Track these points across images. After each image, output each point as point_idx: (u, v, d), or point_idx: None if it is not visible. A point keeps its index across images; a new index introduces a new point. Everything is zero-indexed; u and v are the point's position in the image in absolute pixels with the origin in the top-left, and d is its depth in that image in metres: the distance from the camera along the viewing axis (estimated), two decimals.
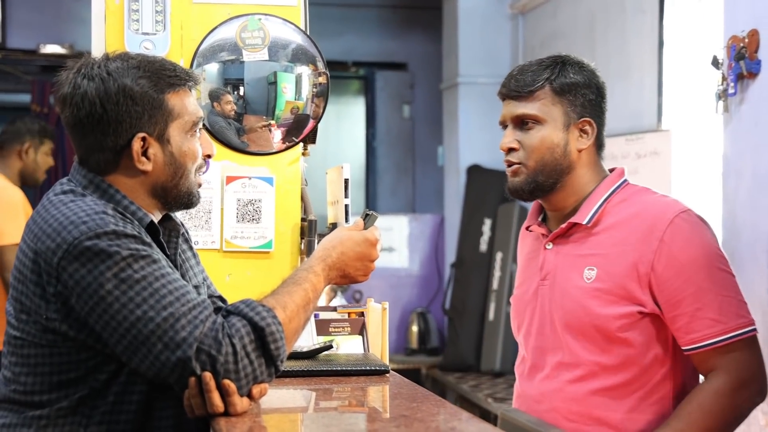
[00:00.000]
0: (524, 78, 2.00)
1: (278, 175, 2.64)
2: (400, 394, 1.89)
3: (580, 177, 2.01)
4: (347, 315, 2.46)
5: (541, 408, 1.98)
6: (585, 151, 2.01)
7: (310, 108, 2.65)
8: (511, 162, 2.01)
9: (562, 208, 2.03)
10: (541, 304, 2.03)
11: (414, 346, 6.42)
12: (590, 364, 1.95)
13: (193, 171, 1.79)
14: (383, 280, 6.62)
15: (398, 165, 7.16)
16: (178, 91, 1.76)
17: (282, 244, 2.63)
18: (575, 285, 1.96)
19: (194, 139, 1.79)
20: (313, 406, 1.86)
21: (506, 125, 2.03)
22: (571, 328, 1.96)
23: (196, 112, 1.79)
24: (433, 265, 6.73)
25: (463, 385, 5.56)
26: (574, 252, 1.99)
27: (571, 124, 1.99)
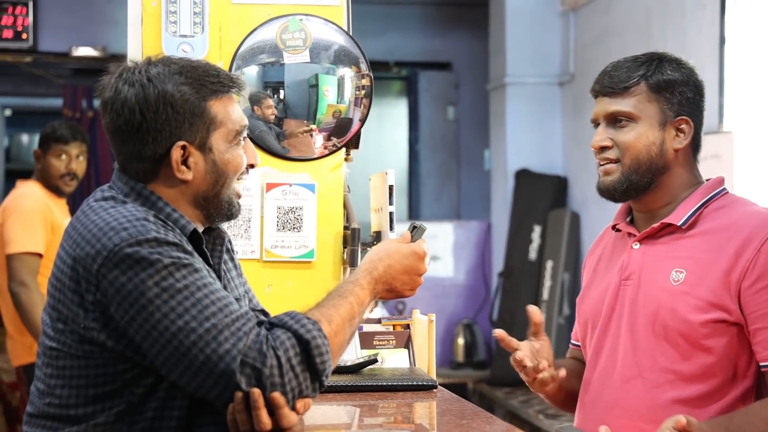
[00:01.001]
0: (619, 74, 2.01)
1: (320, 181, 2.65)
2: (449, 411, 1.89)
3: (676, 178, 2.02)
4: (392, 327, 2.47)
5: (611, 416, 1.97)
6: (681, 151, 2.01)
7: (353, 111, 2.67)
8: (605, 160, 2.02)
9: (654, 210, 2.04)
10: (621, 305, 2.03)
11: (460, 360, 6.42)
12: (668, 372, 1.94)
13: (234, 181, 1.80)
14: (427, 290, 6.61)
15: (442, 169, 7.15)
16: (221, 98, 1.77)
17: (324, 253, 2.64)
18: (661, 287, 1.96)
19: (238, 148, 1.80)
20: (357, 423, 1.87)
21: (598, 123, 2.04)
22: (653, 331, 1.95)
23: (240, 120, 1.80)
24: (479, 275, 6.72)
25: (512, 401, 5.54)
26: (662, 253, 2.00)
27: (668, 123, 2.00)
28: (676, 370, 1.94)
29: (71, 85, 6.02)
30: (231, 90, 1.79)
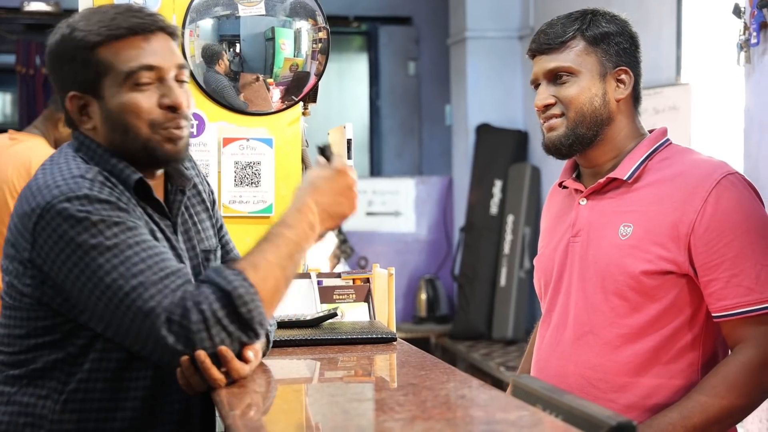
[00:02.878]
0: (555, 30, 2.01)
1: (278, 136, 2.64)
2: (408, 362, 1.90)
3: (620, 130, 2.02)
4: (352, 281, 2.47)
5: (563, 372, 1.99)
6: (623, 102, 2.01)
7: (310, 65, 2.65)
8: (549, 117, 2.01)
9: (599, 164, 2.04)
10: (571, 262, 2.03)
11: (422, 314, 6.46)
12: (619, 327, 1.95)
13: (146, 126, 1.71)
14: (389, 245, 6.64)
15: (404, 125, 7.14)
16: (113, 43, 1.70)
17: (283, 208, 2.61)
18: (610, 242, 1.97)
19: (135, 91, 1.70)
20: (317, 376, 1.88)
21: (539, 84, 2.04)
22: (603, 287, 1.96)
23: (130, 61, 1.70)
24: (441, 230, 6.74)
25: (474, 354, 5.60)
26: (609, 208, 2.00)
27: (608, 74, 2.00)
28: (627, 324, 1.95)
29: (24, 41, 5.91)
30: (126, 33, 1.71)
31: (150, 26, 1.72)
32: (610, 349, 1.96)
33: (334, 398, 1.65)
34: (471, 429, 1.33)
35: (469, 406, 1.48)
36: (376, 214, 6.72)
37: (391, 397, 1.56)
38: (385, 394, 1.64)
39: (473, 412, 1.44)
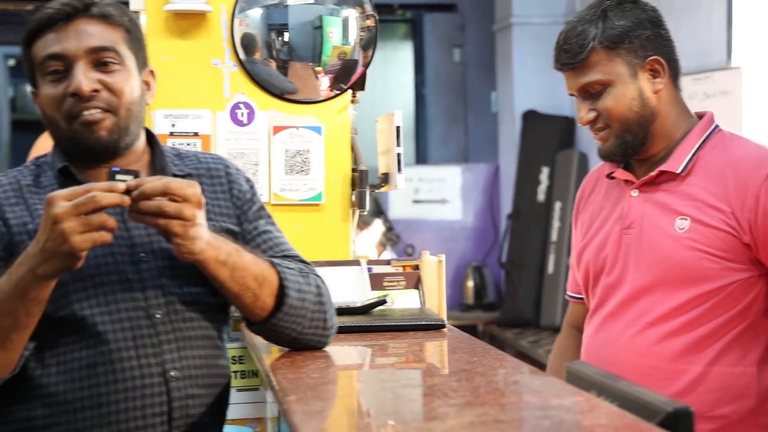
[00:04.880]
0: (571, 47, 1.96)
1: (327, 124, 2.65)
2: (459, 349, 1.90)
3: (666, 119, 1.99)
4: (402, 269, 2.48)
5: (616, 360, 1.98)
6: (663, 91, 1.98)
7: (358, 53, 2.65)
8: (596, 130, 2.00)
9: (651, 155, 2.01)
10: (624, 254, 2.01)
11: (470, 302, 6.44)
12: (675, 316, 1.94)
13: (62, 118, 1.70)
14: (436, 233, 6.63)
15: (449, 112, 7.11)
16: (39, 39, 1.70)
17: (332, 196, 2.65)
18: (666, 234, 1.95)
19: (47, 83, 1.70)
20: (369, 363, 1.89)
21: (576, 96, 2.01)
22: (661, 279, 1.95)
23: (39, 53, 1.69)
24: (488, 217, 6.71)
25: (522, 341, 5.58)
26: (664, 201, 1.97)
27: (638, 70, 1.96)
28: (684, 314, 1.94)
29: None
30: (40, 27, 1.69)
31: (61, 15, 1.69)
32: (664, 337, 1.95)
33: (386, 384, 1.66)
34: (526, 414, 1.33)
35: (523, 392, 1.49)
36: (422, 202, 6.71)
37: (444, 382, 1.57)
38: (437, 379, 1.65)
39: (527, 397, 1.44)
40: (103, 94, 1.68)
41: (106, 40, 1.70)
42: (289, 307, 1.72)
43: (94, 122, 1.68)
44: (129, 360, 1.66)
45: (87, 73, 1.68)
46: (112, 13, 1.72)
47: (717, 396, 1.93)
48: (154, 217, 1.57)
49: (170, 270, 1.71)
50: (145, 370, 1.66)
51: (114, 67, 1.70)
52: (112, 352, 1.65)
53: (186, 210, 1.57)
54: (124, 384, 1.65)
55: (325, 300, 1.78)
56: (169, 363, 1.68)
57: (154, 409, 1.67)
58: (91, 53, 1.68)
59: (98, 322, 1.66)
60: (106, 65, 1.69)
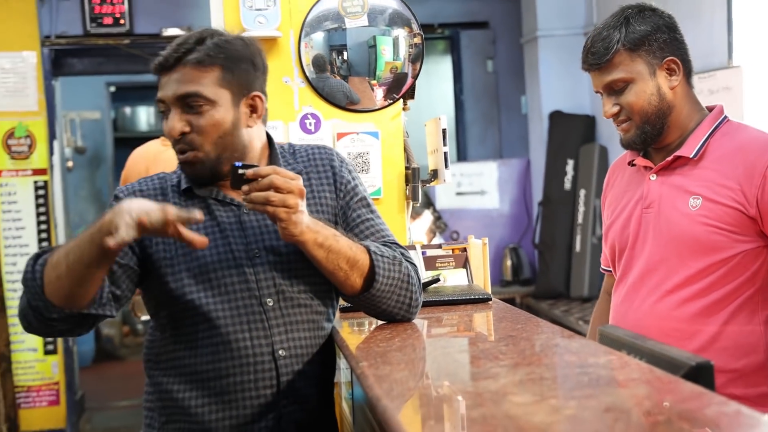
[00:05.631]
0: (597, 50, 1.96)
1: (382, 129, 2.65)
2: (505, 318, 1.90)
3: (681, 112, 1.98)
4: (451, 251, 2.47)
5: (641, 324, 1.96)
6: (678, 87, 1.97)
7: (408, 67, 2.65)
8: (619, 122, 1.99)
9: (667, 144, 2.00)
10: (644, 231, 2.00)
11: (508, 278, 6.42)
12: (690, 284, 1.92)
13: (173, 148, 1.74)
14: (477, 220, 6.61)
15: (485, 115, 7.08)
16: (159, 77, 1.72)
17: (389, 190, 2.66)
18: (681, 212, 1.94)
19: (165, 118, 1.72)
20: (427, 333, 1.89)
21: (601, 93, 2.01)
22: (677, 252, 1.94)
23: (158, 95, 1.72)
24: (521, 205, 6.67)
25: (555, 311, 5.54)
26: (678, 182, 1.96)
27: (656, 69, 1.95)
28: (698, 282, 1.92)
29: None
30: (156, 72, 1.72)
31: (166, 63, 1.69)
32: (682, 302, 1.93)
33: (445, 350, 1.66)
34: (567, 372, 1.32)
35: (563, 353, 1.48)
36: (464, 194, 6.69)
37: (494, 347, 1.56)
38: (488, 345, 1.64)
39: (567, 357, 1.43)
40: (189, 136, 1.69)
41: (195, 84, 1.67)
42: (376, 290, 1.72)
43: (186, 162, 1.72)
44: (243, 341, 1.69)
45: (178, 118, 1.68)
46: (204, 59, 1.68)
47: (730, 352, 1.90)
48: (263, 205, 1.59)
49: (281, 264, 1.73)
50: (257, 350, 1.69)
51: (202, 110, 1.68)
52: (229, 334, 1.69)
53: (289, 200, 1.59)
54: (239, 360, 1.69)
55: (413, 283, 1.77)
56: (278, 344, 1.70)
57: (264, 383, 1.69)
58: (180, 99, 1.68)
59: (218, 309, 1.70)
60: (192, 108, 1.68)
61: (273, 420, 1.70)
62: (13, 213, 5.19)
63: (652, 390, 1.16)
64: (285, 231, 1.62)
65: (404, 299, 1.76)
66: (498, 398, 1.14)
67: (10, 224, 5.18)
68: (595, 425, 1.00)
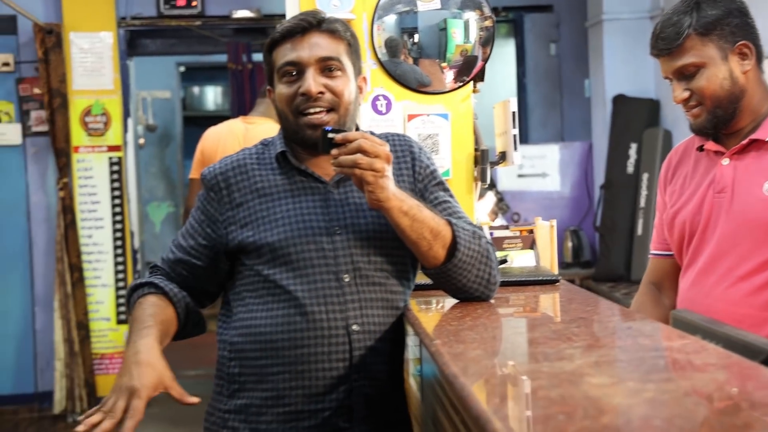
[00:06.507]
0: (668, 34, 1.92)
1: (452, 111, 2.64)
2: (574, 300, 1.88)
3: (752, 96, 1.93)
4: (519, 233, 2.46)
5: (711, 310, 1.93)
6: (750, 72, 1.92)
7: (478, 50, 2.63)
8: (689, 107, 1.94)
9: (738, 129, 1.96)
10: (716, 216, 1.96)
11: (569, 260, 6.36)
12: (762, 270, 1.88)
13: (291, 112, 1.76)
14: (538, 202, 6.56)
15: (547, 99, 7.00)
16: (279, 47, 1.77)
17: (458, 172, 2.65)
18: (756, 197, 1.89)
19: (282, 84, 1.76)
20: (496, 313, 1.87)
21: (670, 79, 1.97)
22: (751, 237, 1.89)
23: (278, 60, 1.77)
24: (583, 188, 6.60)
25: (615, 294, 5.47)
26: (753, 167, 1.92)
27: (728, 53, 1.90)
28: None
29: (233, 42, 6.10)
30: (281, 38, 1.76)
31: (299, 29, 1.74)
32: (756, 289, 1.89)
33: (516, 329, 1.66)
34: (642, 355, 1.30)
35: (637, 336, 1.46)
36: (526, 176, 6.64)
37: (566, 328, 1.55)
38: (560, 326, 1.63)
39: (641, 340, 1.41)
40: (326, 96, 1.73)
41: (332, 51, 1.75)
42: (458, 260, 1.71)
43: (319, 124, 1.73)
44: (319, 314, 1.70)
45: (315, 77, 1.73)
46: (338, 28, 1.77)
47: None
48: (351, 168, 1.60)
49: (359, 242, 1.74)
50: (332, 323, 1.70)
51: (336, 74, 1.74)
52: (305, 306, 1.70)
53: (376, 163, 1.60)
54: (314, 332, 1.70)
55: (492, 259, 1.77)
56: (352, 319, 1.71)
57: (338, 356, 1.71)
58: (320, 62, 1.74)
59: (296, 282, 1.71)
60: (331, 71, 1.74)
61: (344, 393, 1.72)
62: (89, 188, 5.31)
63: (731, 375, 1.14)
64: (371, 195, 1.62)
65: (483, 274, 1.75)
66: (575, 379, 1.13)
67: (86, 198, 5.30)
68: (676, 409, 0.99)
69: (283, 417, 1.71)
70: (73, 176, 5.28)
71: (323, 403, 1.71)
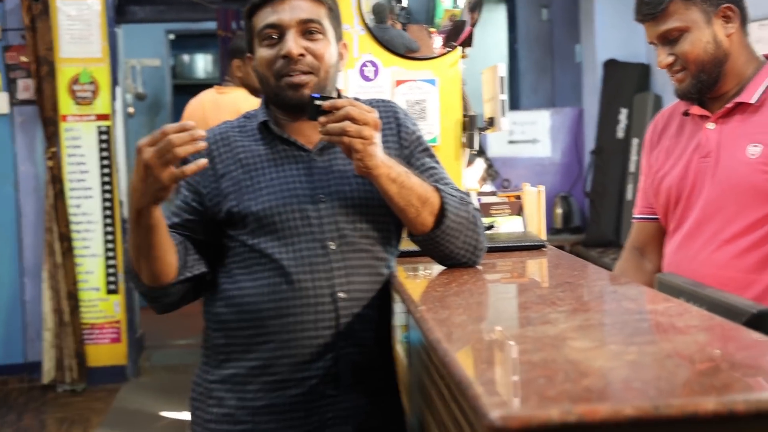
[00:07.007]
0: (652, 0, 1.90)
1: (440, 76, 2.63)
2: (561, 265, 1.88)
3: (737, 59, 1.93)
4: (506, 199, 2.46)
5: (697, 274, 1.94)
6: (734, 35, 1.91)
7: (467, 14, 2.61)
8: (674, 72, 1.94)
9: (723, 93, 1.95)
10: (701, 180, 1.96)
11: (559, 226, 6.38)
12: (748, 234, 1.89)
13: (273, 75, 1.74)
14: (528, 168, 6.56)
15: (538, 64, 6.97)
16: (260, 11, 1.75)
17: (446, 138, 2.64)
18: (739, 161, 1.89)
19: (263, 47, 1.74)
20: (483, 278, 1.87)
21: (655, 44, 1.95)
22: (736, 200, 1.90)
23: (258, 24, 1.75)
24: (573, 153, 6.60)
25: (605, 259, 5.49)
26: (737, 131, 1.92)
27: (712, 17, 1.89)
28: (756, 230, 1.89)
29: (223, 9, 6.04)
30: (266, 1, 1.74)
31: None
32: (740, 253, 1.90)
33: (502, 295, 1.66)
34: (626, 318, 1.31)
35: (621, 299, 1.46)
36: (517, 142, 6.63)
37: (551, 293, 1.55)
38: (546, 291, 1.63)
39: (626, 304, 1.42)
40: (307, 58, 1.72)
41: (313, 13, 1.73)
42: (446, 226, 1.71)
43: (299, 84, 1.72)
44: (305, 282, 1.70)
45: (296, 40, 1.72)
46: None
47: None
48: (339, 135, 1.59)
49: (344, 209, 1.73)
50: (318, 291, 1.70)
51: (317, 37, 1.73)
52: (292, 274, 1.69)
53: (365, 131, 1.59)
54: (300, 300, 1.69)
55: (479, 225, 1.76)
56: (338, 286, 1.71)
57: (324, 323, 1.70)
58: (301, 24, 1.72)
59: (282, 251, 1.70)
60: (312, 34, 1.72)
61: (331, 360, 1.72)
62: (77, 157, 5.28)
63: (713, 337, 1.14)
64: (360, 163, 1.61)
65: (471, 240, 1.75)
66: (558, 343, 1.14)
67: (75, 167, 5.27)
68: (657, 371, 1.00)
69: (270, 386, 1.71)
70: (62, 145, 5.25)
71: (310, 371, 1.71)
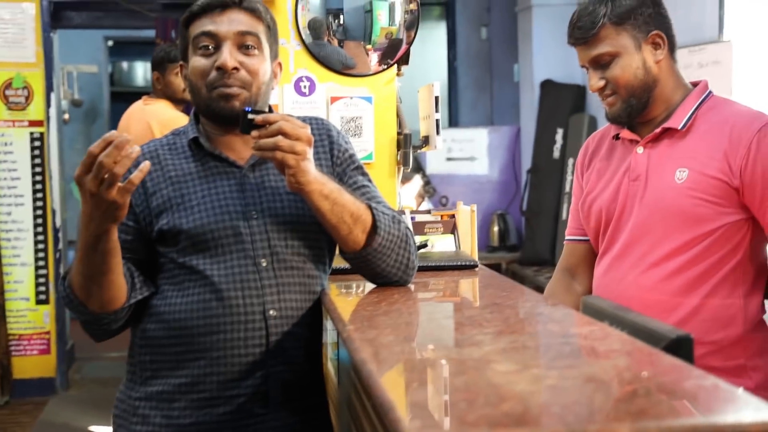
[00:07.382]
0: (584, 24, 1.95)
1: (376, 94, 2.63)
2: (491, 285, 1.89)
3: (666, 86, 1.97)
4: (440, 217, 2.47)
5: (624, 295, 1.96)
6: (663, 61, 1.96)
7: (403, 33, 2.62)
8: (604, 96, 1.97)
9: (652, 118, 1.99)
10: (631, 203, 2.00)
11: (495, 244, 6.43)
12: (675, 258, 1.92)
13: (205, 86, 1.71)
14: (466, 186, 6.61)
15: (477, 82, 7.04)
16: (197, 21, 1.73)
17: (381, 155, 2.64)
18: (667, 185, 1.93)
19: (198, 56, 1.72)
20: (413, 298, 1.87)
21: (587, 68, 1.99)
22: (663, 224, 1.93)
23: (194, 31, 1.73)
24: (510, 172, 6.67)
25: (539, 277, 5.56)
26: (665, 155, 1.96)
27: (642, 43, 1.93)
28: (682, 255, 1.92)
29: (162, 18, 5.97)
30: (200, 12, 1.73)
31: (218, 4, 1.72)
32: (667, 276, 1.93)
33: (431, 315, 1.66)
34: (550, 341, 1.32)
35: (547, 322, 1.47)
36: (455, 159, 6.68)
37: (479, 314, 1.56)
38: (473, 312, 1.64)
39: (551, 327, 1.43)
40: (241, 73, 1.70)
41: (252, 27, 1.72)
42: (378, 245, 1.70)
43: (231, 95, 1.70)
44: (236, 299, 1.67)
45: (232, 52, 1.70)
46: (258, 8, 1.74)
47: (710, 324, 1.91)
48: (272, 151, 1.57)
49: (276, 226, 1.71)
50: (249, 308, 1.68)
51: (253, 52, 1.71)
52: (222, 291, 1.67)
53: (297, 146, 1.57)
54: (231, 318, 1.67)
55: (411, 244, 1.75)
56: (269, 304, 1.69)
57: (254, 341, 1.68)
58: (239, 36, 1.70)
59: (213, 268, 1.68)
60: (248, 49, 1.71)
61: (260, 378, 1.70)
62: (9, 163, 5.16)
63: (632, 361, 1.15)
64: (292, 179, 1.59)
65: (403, 259, 1.74)
66: (481, 366, 1.14)
67: (6, 174, 5.14)
68: (575, 396, 1.00)
69: (197, 404, 1.68)
70: None
71: (239, 389, 1.68)
